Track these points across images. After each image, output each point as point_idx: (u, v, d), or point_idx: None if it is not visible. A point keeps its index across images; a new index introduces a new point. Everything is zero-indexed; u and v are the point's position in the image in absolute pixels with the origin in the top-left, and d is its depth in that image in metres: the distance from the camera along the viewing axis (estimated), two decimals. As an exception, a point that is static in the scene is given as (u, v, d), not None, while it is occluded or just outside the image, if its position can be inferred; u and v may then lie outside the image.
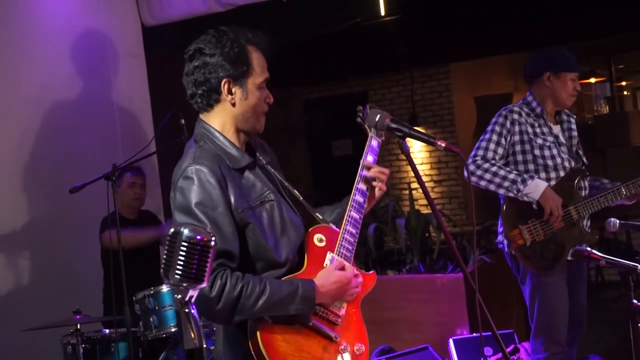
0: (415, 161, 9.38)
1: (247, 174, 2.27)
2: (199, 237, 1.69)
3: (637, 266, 2.66)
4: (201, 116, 2.33)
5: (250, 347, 2.15)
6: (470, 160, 3.70)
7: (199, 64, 2.24)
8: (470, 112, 9.45)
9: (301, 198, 2.45)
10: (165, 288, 4.01)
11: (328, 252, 2.33)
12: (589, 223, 3.78)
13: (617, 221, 3.25)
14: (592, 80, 10.48)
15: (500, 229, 3.82)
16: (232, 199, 2.18)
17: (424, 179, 7.71)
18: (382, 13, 7.64)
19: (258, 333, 2.13)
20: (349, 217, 2.39)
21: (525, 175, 3.61)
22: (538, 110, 3.76)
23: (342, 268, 2.29)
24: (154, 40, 5.86)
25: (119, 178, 4.65)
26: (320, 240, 2.34)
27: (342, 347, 2.26)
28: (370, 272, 2.49)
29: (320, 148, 9.77)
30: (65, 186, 4.24)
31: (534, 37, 7.93)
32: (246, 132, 2.33)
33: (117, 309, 4.01)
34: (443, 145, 2.29)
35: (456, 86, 9.35)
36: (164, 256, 1.71)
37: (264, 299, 2.09)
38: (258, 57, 2.29)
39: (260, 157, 2.39)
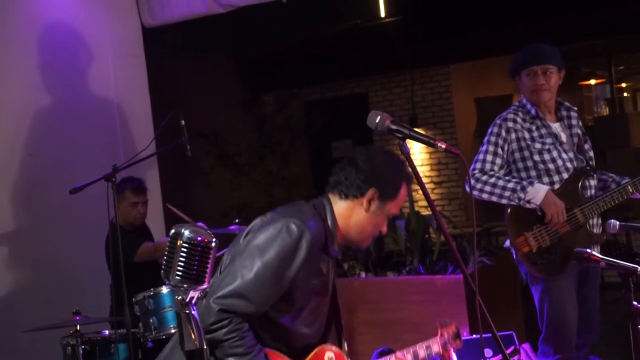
0: (415, 162, 9.37)
1: (326, 261, 2.40)
2: (199, 239, 1.69)
3: (637, 268, 2.65)
4: (332, 194, 2.47)
5: None
6: (470, 175, 3.68)
7: (362, 165, 2.43)
8: (471, 114, 9.45)
9: (340, 318, 2.62)
10: (165, 289, 4.01)
11: None
12: (599, 221, 3.72)
13: (617, 223, 3.24)
14: (592, 81, 10.49)
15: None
16: (301, 276, 2.28)
17: (424, 180, 7.71)
18: (382, 14, 7.65)
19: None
20: None
21: (525, 182, 3.58)
22: (532, 112, 3.72)
23: None
24: (154, 41, 5.87)
25: (120, 192, 4.62)
26: (330, 359, 2.50)
27: None
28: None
29: (320, 149, 9.77)
30: (66, 187, 4.24)
31: (534, 38, 7.90)
32: (351, 241, 2.48)
33: (117, 309, 4.01)
34: (443, 146, 2.28)
35: (456, 87, 9.35)
36: (165, 257, 1.71)
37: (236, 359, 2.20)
38: (404, 195, 2.48)
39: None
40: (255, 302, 2.20)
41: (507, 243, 3.77)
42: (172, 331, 3.93)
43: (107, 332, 4.04)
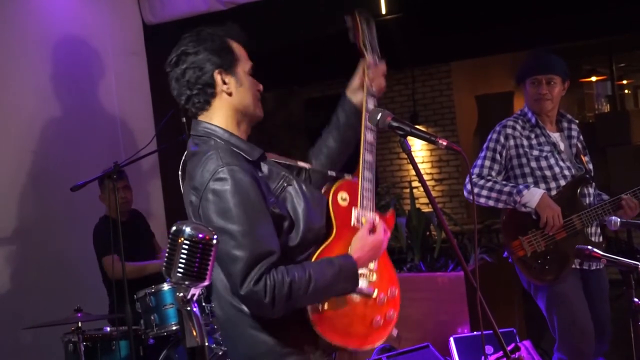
0: (416, 160, 9.39)
1: (263, 165, 2.27)
2: (200, 235, 1.69)
3: (638, 265, 2.65)
4: (200, 117, 2.30)
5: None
6: (467, 180, 3.71)
7: (187, 65, 2.26)
8: (471, 111, 9.45)
9: (307, 166, 2.50)
10: (166, 286, 4.01)
11: (353, 209, 2.35)
12: (598, 230, 3.70)
13: (618, 220, 3.24)
14: (593, 78, 10.49)
15: None
16: (265, 194, 2.15)
17: (425, 177, 7.71)
18: (383, 12, 7.64)
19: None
20: (364, 161, 2.49)
21: (521, 186, 3.58)
22: (533, 120, 3.72)
23: (373, 229, 2.31)
24: (155, 39, 5.86)
25: (100, 184, 4.61)
26: (344, 199, 2.36)
27: (380, 298, 2.30)
28: (389, 211, 2.55)
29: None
30: (67, 184, 4.24)
31: (534, 36, 7.93)
32: (249, 119, 2.34)
33: (119, 307, 4.01)
34: (444, 143, 2.28)
35: (457, 85, 9.35)
36: (166, 254, 1.71)
37: (312, 288, 2.09)
38: (238, 47, 2.33)
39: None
40: (267, 255, 2.06)
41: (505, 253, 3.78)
42: (173, 328, 3.94)
43: (108, 329, 4.04)
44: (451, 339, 4.41)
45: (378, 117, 2.42)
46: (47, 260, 4.95)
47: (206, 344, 1.69)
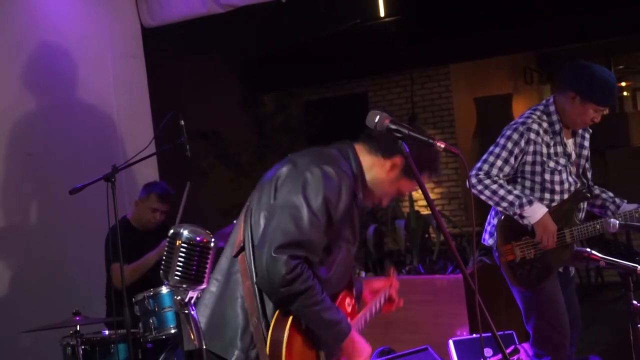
0: (415, 162, 9.36)
1: (356, 213, 2.37)
2: (198, 239, 1.69)
3: (637, 267, 2.65)
4: (358, 145, 2.45)
5: (272, 325, 2.20)
6: (473, 172, 3.64)
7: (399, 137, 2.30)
8: (470, 113, 9.46)
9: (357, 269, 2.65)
10: (164, 289, 4.01)
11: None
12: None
13: (617, 222, 3.24)
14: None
15: (490, 229, 3.79)
16: (341, 220, 2.27)
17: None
18: (382, 14, 7.65)
19: (290, 321, 2.20)
20: (370, 309, 2.69)
21: (524, 200, 3.53)
22: (557, 127, 3.59)
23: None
24: (153, 42, 5.86)
25: (146, 192, 4.59)
26: (349, 305, 2.50)
27: None
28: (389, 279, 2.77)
29: (319, 149, 9.77)
30: (65, 187, 4.24)
31: (533, 38, 7.95)
32: (369, 195, 2.45)
33: (117, 310, 4.00)
34: (442, 146, 2.28)
35: (456, 87, 9.35)
36: (164, 257, 1.71)
37: (316, 309, 2.19)
38: (421, 182, 2.37)
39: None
40: (313, 251, 2.18)
41: (488, 242, 3.77)
42: (172, 331, 3.93)
43: (106, 332, 4.03)
44: (450, 341, 4.40)
45: (376, 120, 2.41)
46: (45, 263, 4.94)
47: (204, 347, 1.68)
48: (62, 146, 5.14)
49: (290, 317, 2.20)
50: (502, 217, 3.66)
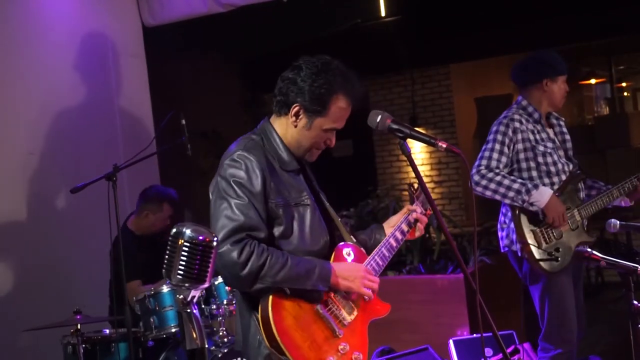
0: (416, 162, 9.35)
1: (291, 176, 2.44)
2: (201, 238, 1.69)
3: (637, 267, 2.66)
4: (272, 117, 2.50)
5: (260, 309, 2.24)
6: (474, 170, 3.71)
7: (291, 78, 2.42)
8: (471, 113, 9.45)
9: (338, 220, 2.59)
10: (165, 288, 4.01)
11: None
12: (586, 222, 3.82)
13: (618, 222, 3.25)
14: (593, 81, 10.49)
15: (502, 234, 3.83)
16: (270, 191, 2.33)
17: (425, 179, 7.71)
18: (383, 14, 7.66)
19: (270, 297, 2.23)
20: (387, 241, 2.60)
21: (530, 185, 3.62)
22: (536, 115, 3.79)
23: (367, 273, 2.45)
24: (154, 41, 5.87)
25: (157, 203, 4.62)
26: (348, 254, 2.49)
27: (342, 346, 2.32)
28: (387, 304, 2.61)
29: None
30: (66, 186, 4.24)
31: (534, 38, 7.94)
32: (295, 155, 2.48)
33: (118, 309, 4.00)
34: (444, 146, 2.30)
35: (456, 87, 9.35)
36: (166, 256, 1.71)
37: (285, 271, 2.23)
38: (340, 108, 2.44)
39: (308, 170, 2.57)
40: (253, 228, 2.24)
41: (505, 242, 3.80)
42: (173, 330, 3.94)
43: (107, 331, 4.03)
44: (450, 341, 4.40)
45: (378, 120, 2.43)
46: (46, 262, 4.94)
47: (206, 346, 1.69)
48: (63, 145, 5.14)
49: (270, 295, 2.23)
50: (517, 211, 3.68)
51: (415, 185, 2.83)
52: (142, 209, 4.68)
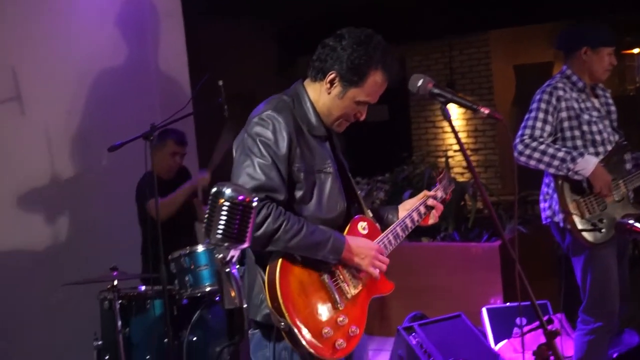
0: (452, 129, 9.25)
1: (317, 142, 2.42)
2: (241, 197, 1.69)
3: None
4: (307, 81, 2.47)
5: (267, 271, 2.26)
6: (517, 140, 3.64)
7: (332, 45, 2.40)
8: (509, 81, 9.31)
9: (357, 192, 2.58)
10: (200, 248, 4.04)
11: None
12: (632, 195, 3.74)
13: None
14: (636, 50, 10.25)
15: (544, 205, 3.77)
16: (295, 156, 2.32)
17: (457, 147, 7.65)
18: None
19: (280, 260, 2.25)
20: (403, 221, 2.57)
21: (575, 153, 3.55)
22: (580, 84, 3.72)
23: (379, 252, 2.42)
24: (191, 2, 5.84)
25: (161, 139, 4.62)
26: (364, 228, 2.48)
27: (341, 318, 2.30)
28: (391, 283, 2.56)
29: (355, 114, 9.72)
30: (104, 145, 4.27)
31: (575, 6, 7.76)
32: (323, 122, 2.45)
33: (154, 267, 4.05)
34: (486, 112, 2.26)
35: (495, 54, 9.21)
36: (206, 215, 1.71)
37: (299, 238, 2.23)
38: (375, 82, 2.41)
39: (335, 139, 2.55)
40: (273, 189, 2.25)
41: (547, 213, 3.74)
42: (207, 289, 3.97)
43: (143, 288, 4.09)
44: (483, 309, 4.40)
45: (419, 84, 2.40)
46: (84, 220, 5.02)
47: (244, 305, 1.69)
48: (101, 105, 5.17)
49: (280, 258, 2.24)
50: (560, 181, 3.62)
51: (441, 169, 2.85)
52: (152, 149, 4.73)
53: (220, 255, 1.70)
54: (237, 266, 1.76)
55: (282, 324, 2.18)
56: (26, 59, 4.79)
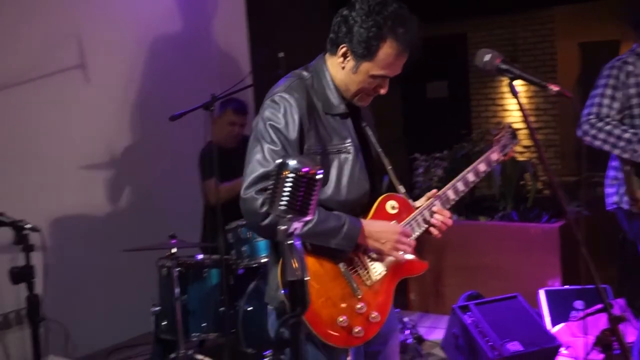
0: (513, 107, 9.04)
1: (336, 120, 2.29)
2: (305, 169, 1.67)
3: None
4: (327, 54, 2.35)
5: (273, 261, 2.22)
6: (584, 119, 3.50)
7: (344, 15, 2.26)
8: (574, 59, 9.06)
9: (389, 167, 2.43)
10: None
11: (394, 221, 2.33)
12: None
13: None
14: None
15: (611, 190, 3.65)
16: (307, 139, 2.22)
17: (521, 126, 7.50)
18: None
19: None
20: (431, 204, 2.40)
21: None
22: None
23: (403, 234, 2.28)
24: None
25: (221, 108, 4.64)
26: (393, 208, 2.36)
27: (360, 305, 2.23)
28: (425, 262, 2.42)
29: (413, 90, 9.62)
30: (164, 113, 4.32)
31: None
32: (350, 96, 2.33)
33: (212, 236, 4.09)
34: (556, 89, 2.19)
35: (560, 31, 8.96)
36: (270, 187, 1.71)
37: (309, 227, 2.11)
38: (389, 54, 2.23)
39: (362, 117, 2.42)
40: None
41: (614, 199, 3.61)
42: (263, 260, 4.00)
43: (200, 256, 4.14)
44: (541, 291, 4.33)
45: (486, 59, 2.34)
46: (144, 188, 5.11)
47: (307, 278, 1.69)
48: (161, 74, 5.23)
49: None
50: (627, 167, 3.49)
51: (502, 125, 2.66)
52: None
53: (283, 227, 1.70)
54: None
55: None
56: (90, 28, 4.87)
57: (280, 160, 1.69)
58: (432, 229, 2.41)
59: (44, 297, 2.93)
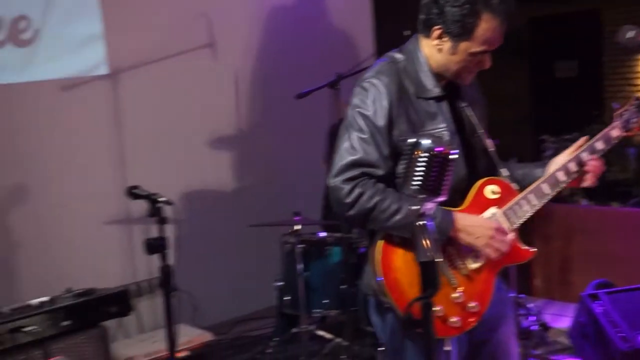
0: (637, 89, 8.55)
1: (429, 104, 2.20)
2: (439, 149, 1.65)
3: None
4: (420, 35, 2.25)
5: (374, 247, 2.13)
6: None
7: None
8: None
9: (490, 149, 2.31)
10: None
11: (493, 207, 2.23)
12: None
13: None
14: None
15: None
16: (397, 125, 2.14)
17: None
18: None
19: (382, 242, 2.12)
20: (538, 186, 2.26)
21: None
22: None
23: (498, 230, 2.16)
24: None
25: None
26: (494, 192, 2.24)
27: (456, 295, 2.13)
28: (532, 249, 2.26)
29: (541, 68, 9.29)
30: (288, 90, 4.38)
31: None
32: (443, 78, 2.24)
33: (334, 214, 4.11)
34: None
35: None
36: (402, 166, 1.70)
37: (398, 218, 2.05)
38: (487, 29, 2.12)
39: (462, 97, 2.30)
40: (370, 164, 2.09)
41: None
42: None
43: (323, 234, 4.18)
44: (678, 282, 4.10)
45: (630, 35, 2.22)
46: (268, 164, 5.21)
47: (439, 259, 1.66)
48: (286, 51, 5.31)
49: (382, 236, 2.11)
50: None
51: (631, 97, 2.44)
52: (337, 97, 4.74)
53: (415, 207, 1.68)
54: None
55: (386, 303, 2.10)
56: (219, 6, 4.99)
57: (411, 140, 1.67)
58: (585, 177, 2.29)
59: (175, 268, 3.04)
